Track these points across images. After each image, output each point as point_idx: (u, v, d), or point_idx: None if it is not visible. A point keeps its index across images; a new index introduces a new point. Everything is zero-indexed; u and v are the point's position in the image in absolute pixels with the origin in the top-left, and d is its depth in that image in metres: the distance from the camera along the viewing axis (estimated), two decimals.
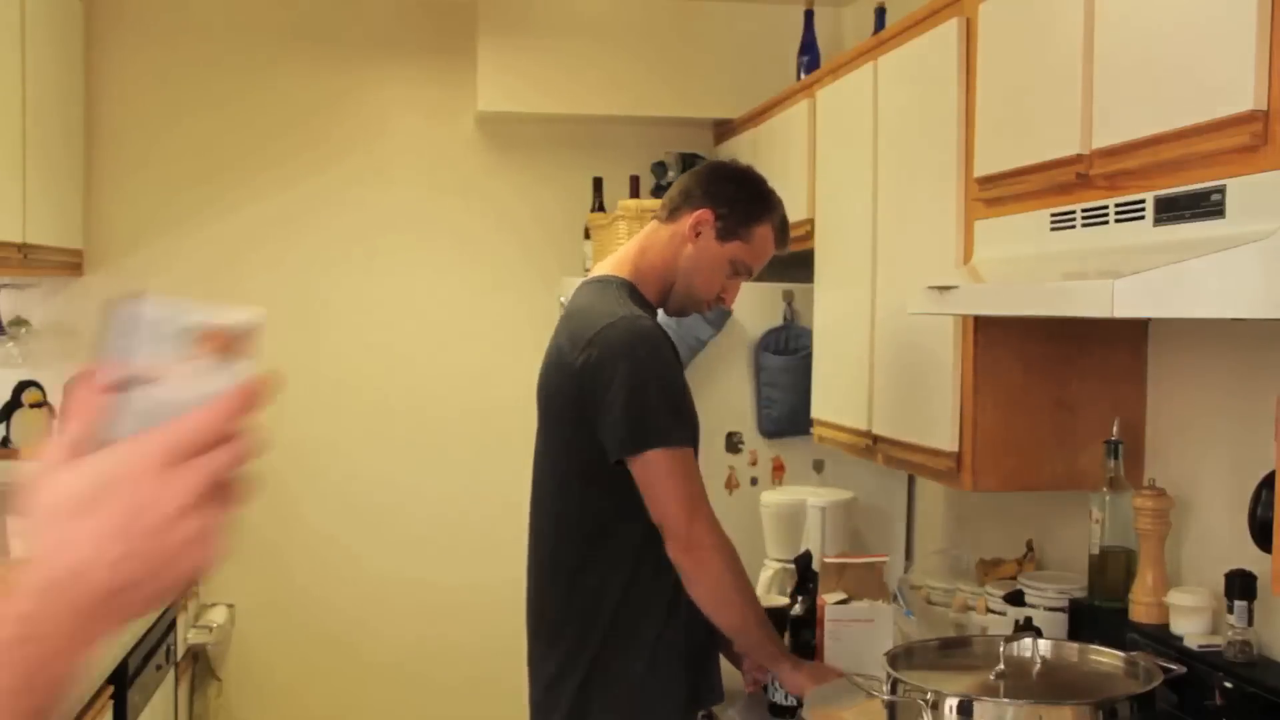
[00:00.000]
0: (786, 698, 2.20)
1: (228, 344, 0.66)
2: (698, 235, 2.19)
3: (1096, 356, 2.11)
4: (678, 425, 2.03)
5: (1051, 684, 1.77)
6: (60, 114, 3.48)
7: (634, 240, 2.29)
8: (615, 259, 2.28)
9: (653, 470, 2.01)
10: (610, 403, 2.01)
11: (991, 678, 1.74)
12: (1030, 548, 2.50)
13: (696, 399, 2.15)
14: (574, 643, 2.13)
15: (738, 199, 2.20)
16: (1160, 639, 1.90)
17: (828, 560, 2.53)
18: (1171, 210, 1.52)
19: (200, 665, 3.67)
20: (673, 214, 2.23)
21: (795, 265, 3.11)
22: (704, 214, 2.18)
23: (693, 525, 2.01)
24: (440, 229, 3.93)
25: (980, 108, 2.07)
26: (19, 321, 3.65)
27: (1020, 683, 1.75)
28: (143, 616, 0.81)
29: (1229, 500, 1.89)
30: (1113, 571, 2.09)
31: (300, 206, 3.86)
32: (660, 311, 2.32)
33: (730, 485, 3.12)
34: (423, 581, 3.92)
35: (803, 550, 2.75)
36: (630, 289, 2.19)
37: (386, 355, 3.91)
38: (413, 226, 3.92)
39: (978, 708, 1.65)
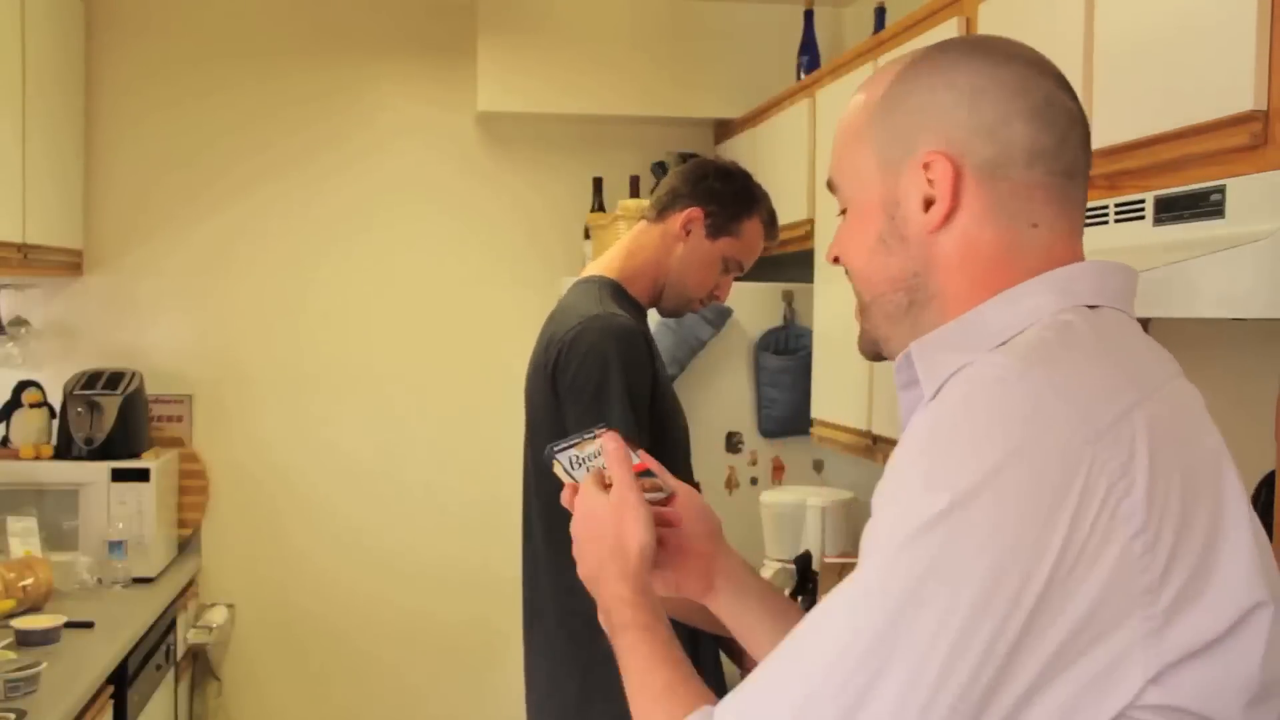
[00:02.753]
0: None
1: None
2: (688, 234, 2.20)
3: None
4: (628, 430, 1.96)
5: None
6: (60, 114, 3.48)
7: (621, 241, 2.29)
8: (603, 260, 2.28)
9: None
10: (573, 405, 2.01)
11: None
12: None
13: (696, 399, 2.14)
14: (570, 642, 2.12)
15: (725, 195, 2.21)
16: None
17: (828, 560, 2.53)
18: (1171, 210, 1.52)
19: (200, 665, 3.67)
20: (661, 214, 2.24)
21: (795, 265, 3.11)
22: (693, 212, 2.20)
23: None
24: (440, 227, 3.94)
25: None
26: (19, 321, 3.65)
27: None
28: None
29: None
30: None
31: (299, 205, 3.86)
32: (653, 312, 2.32)
33: (730, 485, 3.13)
34: (423, 580, 3.92)
35: (803, 550, 2.76)
36: (615, 288, 2.19)
37: (387, 354, 3.91)
38: (412, 225, 3.92)
39: None
